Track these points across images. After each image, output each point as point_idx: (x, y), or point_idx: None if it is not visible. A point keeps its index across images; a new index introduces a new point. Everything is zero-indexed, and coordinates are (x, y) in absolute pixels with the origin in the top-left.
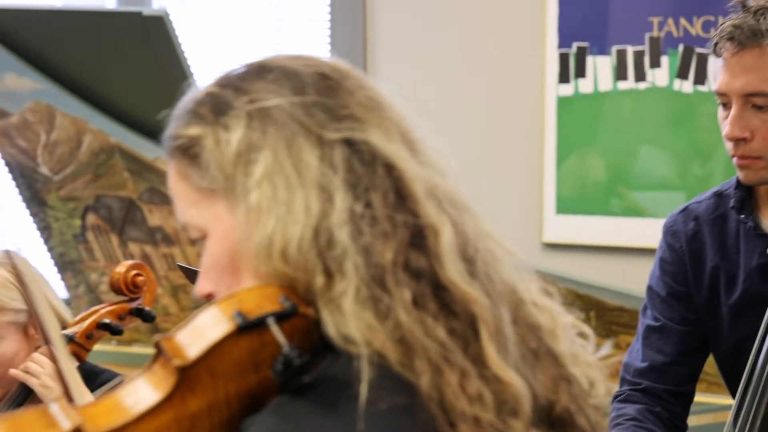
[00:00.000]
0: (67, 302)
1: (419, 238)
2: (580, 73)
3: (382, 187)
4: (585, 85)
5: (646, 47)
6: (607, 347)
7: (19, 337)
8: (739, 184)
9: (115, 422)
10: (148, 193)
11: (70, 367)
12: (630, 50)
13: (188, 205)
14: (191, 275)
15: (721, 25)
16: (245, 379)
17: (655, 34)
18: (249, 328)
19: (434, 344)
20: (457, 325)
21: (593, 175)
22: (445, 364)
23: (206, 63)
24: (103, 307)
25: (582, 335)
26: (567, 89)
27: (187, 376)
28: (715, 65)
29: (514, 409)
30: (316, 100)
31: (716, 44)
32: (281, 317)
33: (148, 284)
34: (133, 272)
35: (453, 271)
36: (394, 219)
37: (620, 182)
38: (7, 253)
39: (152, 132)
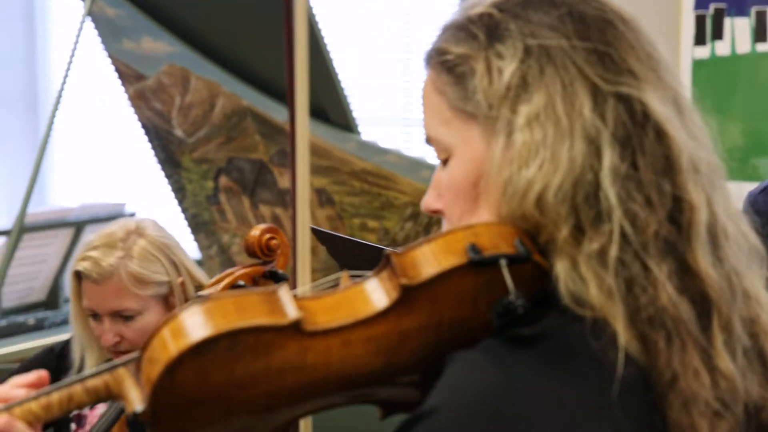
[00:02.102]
0: (200, 263)
1: (676, 212)
2: (717, 35)
3: (651, 151)
4: (722, 48)
5: None
6: None
7: (161, 309)
8: None
9: (332, 323)
10: (278, 155)
11: None
12: None
13: (439, 122)
14: (322, 237)
15: None
16: (461, 310)
17: None
18: (480, 264)
19: (683, 323)
20: (694, 308)
21: (729, 140)
22: (691, 344)
23: (337, 27)
24: (237, 270)
25: None
26: (703, 52)
27: (409, 296)
28: None
29: (727, 406)
30: (598, 48)
31: None
32: (513, 261)
33: (281, 248)
34: (268, 236)
35: (700, 252)
36: (661, 188)
37: (757, 148)
38: (148, 221)
39: (284, 95)
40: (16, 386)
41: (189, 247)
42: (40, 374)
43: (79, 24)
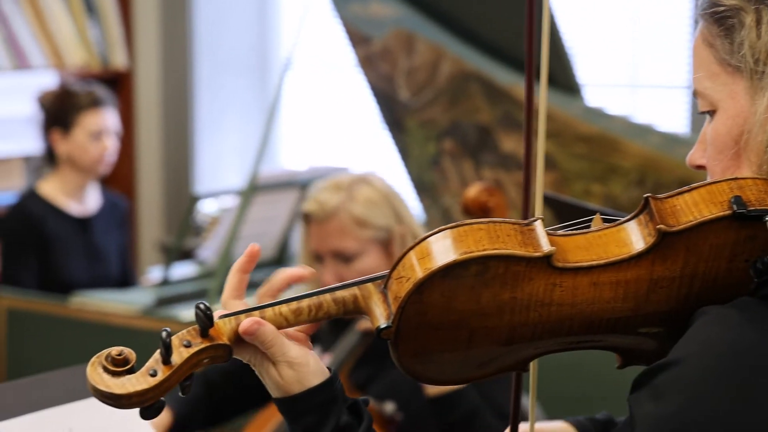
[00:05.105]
0: (423, 225)
1: None
2: None
3: None
4: None
5: None
6: None
7: (380, 254)
8: None
9: (582, 261)
10: (502, 119)
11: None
12: None
13: (706, 75)
14: (549, 202)
15: None
16: (716, 264)
17: None
18: (744, 218)
19: None
20: None
21: None
22: None
23: None
24: None
25: None
26: None
27: (666, 242)
28: None
29: None
30: None
31: None
32: None
33: (498, 207)
34: (485, 194)
35: None
36: None
37: None
38: (375, 174)
39: (508, 58)
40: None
41: (413, 209)
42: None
43: None
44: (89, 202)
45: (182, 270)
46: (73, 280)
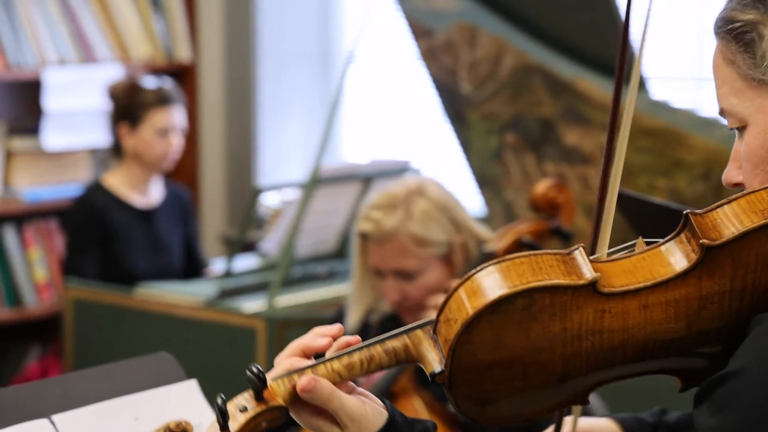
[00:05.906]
0: (485, 219)
1: None
2: None
3: None
4: None
5: None
6: None
7: (442, 267)
8: None
9: (629, 285)
10: (565, 112)
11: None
12: None
13: (730, 93)
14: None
15: None
16: (765, 275)
17: None
18: None
19: None
20: None
21: None
22: None
23: None
24: (520, 224)
25: None
26: None
27: (711, 257)
28: None
29: None
30: None
31: None
32: None
33: (566, 204)
34: (553, 191)
35: None
36: None
37: None
38: (429, 181)
39: (571, 51)
40: (318, 335)
41: (475, 203)
42: (339, 327)
43: None
44: (152, 194)
45: (245, 262)
46: (136, 272)
